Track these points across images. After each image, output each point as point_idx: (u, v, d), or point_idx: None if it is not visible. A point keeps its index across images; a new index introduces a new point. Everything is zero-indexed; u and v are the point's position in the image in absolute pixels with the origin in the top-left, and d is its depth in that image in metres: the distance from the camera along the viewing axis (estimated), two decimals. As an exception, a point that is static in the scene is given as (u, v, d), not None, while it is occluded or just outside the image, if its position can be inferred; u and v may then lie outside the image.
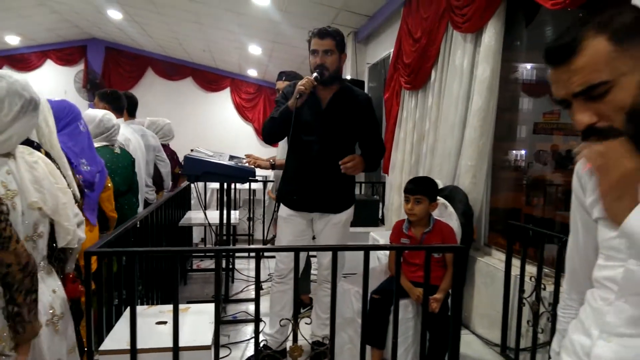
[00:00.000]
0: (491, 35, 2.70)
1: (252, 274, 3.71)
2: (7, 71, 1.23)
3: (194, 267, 4.13)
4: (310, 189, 2.24)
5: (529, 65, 3.21)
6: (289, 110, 2.14)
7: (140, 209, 2.61)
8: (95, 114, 2.22)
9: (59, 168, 1.38)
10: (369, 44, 5.25)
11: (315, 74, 2.11)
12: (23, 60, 9.00)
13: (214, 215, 2.79)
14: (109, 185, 1.92)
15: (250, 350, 2.45)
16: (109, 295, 1.72)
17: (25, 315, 1.09)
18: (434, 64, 3.34)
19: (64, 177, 1.39)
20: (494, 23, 2.68)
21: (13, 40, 8.42)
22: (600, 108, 0.71)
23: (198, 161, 2.28)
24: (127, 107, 3.06)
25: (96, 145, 2.04)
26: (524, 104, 3.26)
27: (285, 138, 2.34)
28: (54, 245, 1.33)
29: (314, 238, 2.41)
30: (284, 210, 2.34)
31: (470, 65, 2.89)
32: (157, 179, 3.24)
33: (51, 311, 1.29)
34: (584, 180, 0.84)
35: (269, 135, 2.31)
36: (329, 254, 2.28)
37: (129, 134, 2.72)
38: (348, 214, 2.33)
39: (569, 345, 0.82)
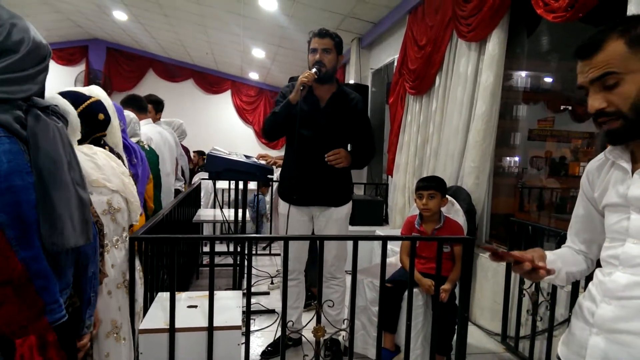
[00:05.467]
0: (495, 44, 2.86)
1: (262, 269, 3.86)
2: None
3: (204, 263, 4.29)
4: (309, 182, 2.32)
5: (523, 74, 3.38)
6: (291, 104, 2.22)
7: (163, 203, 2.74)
8: None
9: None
10: (373, 49, 5.36)
11: (314, 69, 2.20)
12: (24, 59, 9.04)
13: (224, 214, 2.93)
14: (150, 177, 2.06)
15: (267, 339, 2.59)
16: (145, 279, 1.86)
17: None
18: (438, 70, 3.50)
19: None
20: (498, 32, 2.85)
21: (14, 39, 8.47)
22: (610, 97, 0.88)
23: (220, 159, 2.37)
24: (155, 108, 3.21)
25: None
26: (519, 111, 3.43)
27: None
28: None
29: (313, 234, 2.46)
30: (283, 207, 2.40)
31: (474, 72, 3.06)
32: (181, 172, 3.45)
33: (124, 276, 1.53)
34: (593, 177, 1.01)
35: (271, 131, 2.34)
36: (333, 250, 2.38)
37: (150, 133, 2.85)
38: (347, 208, 2.42)
39: (578, 309, 0.98)
